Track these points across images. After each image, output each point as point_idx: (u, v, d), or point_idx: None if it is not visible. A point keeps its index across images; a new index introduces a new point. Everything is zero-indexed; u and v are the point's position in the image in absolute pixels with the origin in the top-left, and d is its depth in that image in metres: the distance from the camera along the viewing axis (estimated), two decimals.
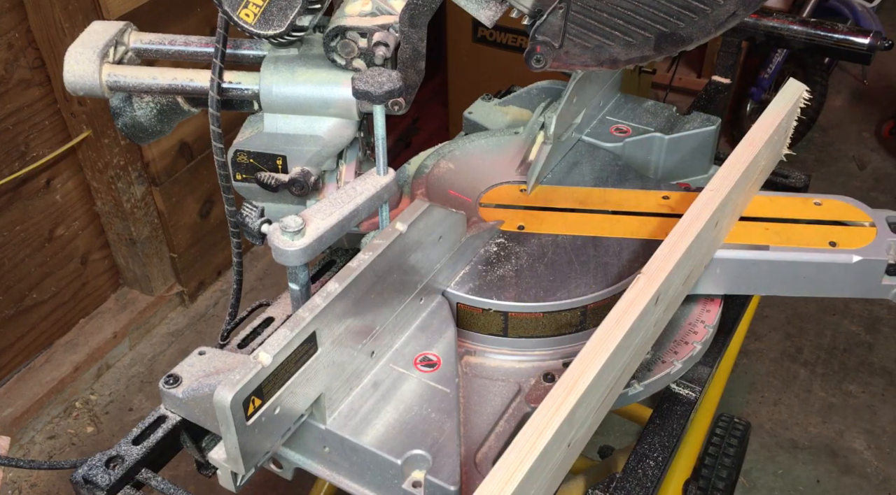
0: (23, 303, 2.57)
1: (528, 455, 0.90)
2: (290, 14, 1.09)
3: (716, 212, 1.18)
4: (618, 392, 1.13)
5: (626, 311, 1.04)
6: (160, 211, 2.77)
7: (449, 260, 1.21)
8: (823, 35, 1.88)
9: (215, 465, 1.01)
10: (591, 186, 1.41)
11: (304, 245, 1.04)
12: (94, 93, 1.18)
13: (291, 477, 1.13)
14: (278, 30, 1.10)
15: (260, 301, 1.35)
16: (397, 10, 1.13)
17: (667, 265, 1.09)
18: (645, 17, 1.12)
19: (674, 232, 1.14)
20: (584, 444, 1.08)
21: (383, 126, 1.07)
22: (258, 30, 1.10)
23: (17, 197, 2.43)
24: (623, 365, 1.08)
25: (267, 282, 3.06)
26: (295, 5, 1.09)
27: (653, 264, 1.10)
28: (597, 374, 0.98)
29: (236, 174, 1.22)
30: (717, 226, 1.21)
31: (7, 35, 2.25)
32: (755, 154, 1.27)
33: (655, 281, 1.07)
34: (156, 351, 2.89)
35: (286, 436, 1.02)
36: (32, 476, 2.47)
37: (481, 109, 1.63)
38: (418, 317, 1.19)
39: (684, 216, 1.17)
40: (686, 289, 1.23)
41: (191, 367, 1.16)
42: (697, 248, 1.16)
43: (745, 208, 1.34)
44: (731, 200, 1.23)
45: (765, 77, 3.63)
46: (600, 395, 1.04)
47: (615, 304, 1.06)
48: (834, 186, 3.55)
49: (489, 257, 1.27)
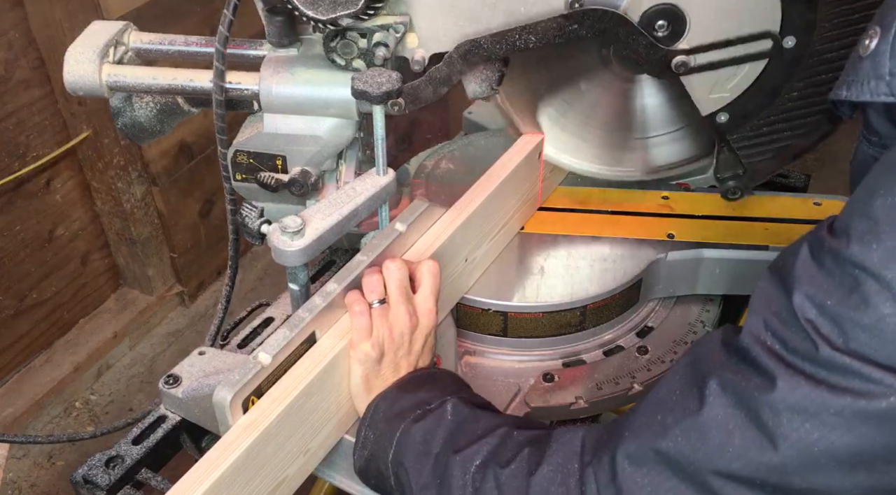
0: (23, 303, 2.57)
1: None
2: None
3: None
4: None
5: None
6: (160, 211, 2.77)
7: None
8: None
9: None
10: (591, 186, 1.41)
11: (304, 245, 1.04)
12: (94, 93, 1.18)
13: None
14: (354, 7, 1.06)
15: (260, 301, 1.35)
16: (399, 10, 1.13)
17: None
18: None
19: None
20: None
21: (383, 126, 1.07)
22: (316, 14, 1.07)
23: (17, 197, 2.43)
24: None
25: (267, 282, 3.06)
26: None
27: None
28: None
29: (236, 174, 1.22)
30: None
31: (7, 35, 2.25)
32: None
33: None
34: (156, 351, 2.89)
35: None
36: (32, 475, 2.47)
37: (481, 109, 1.63)
38: None
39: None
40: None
41: (191, 367, 1.16)
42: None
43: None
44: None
45: None
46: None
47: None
48: (834, 186, 3.53)
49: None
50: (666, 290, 1.32)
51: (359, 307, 1.02)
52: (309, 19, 1.07)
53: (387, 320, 1.02)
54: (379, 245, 1.08)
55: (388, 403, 1.01)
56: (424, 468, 0.94)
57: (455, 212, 1.17)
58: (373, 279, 1.03)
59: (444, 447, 0.94)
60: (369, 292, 1.03)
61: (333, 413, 1.02)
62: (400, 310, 1.02)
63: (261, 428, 0.90)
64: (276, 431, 0.93)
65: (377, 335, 1.01)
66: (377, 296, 1.02)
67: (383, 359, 1.02)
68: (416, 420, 0.97)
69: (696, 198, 1.39)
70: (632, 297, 1.27)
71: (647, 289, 1.29)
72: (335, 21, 1.07)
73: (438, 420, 0.97)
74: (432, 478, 0.93)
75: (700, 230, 1.31)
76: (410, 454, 0.95)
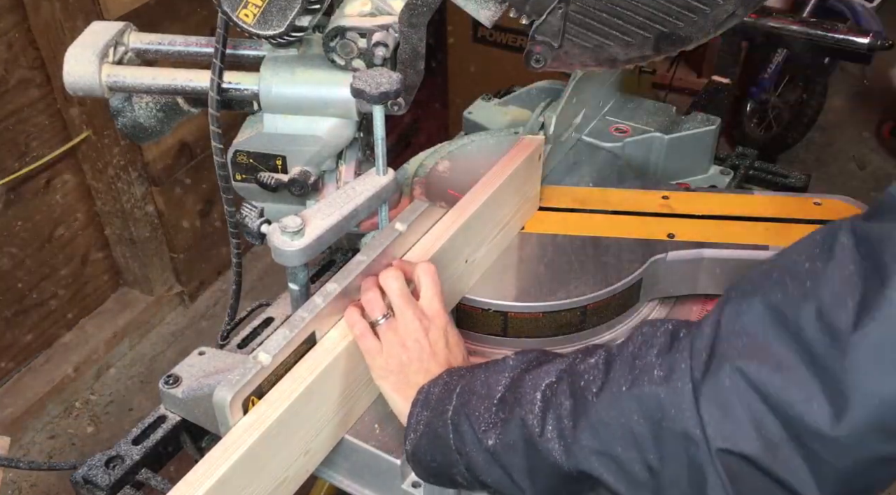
0: (23, 303, 2.57)
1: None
2: (289, 14, 1.09)
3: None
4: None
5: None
6: (160, 211, 2.77)
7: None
8: (823, 35, 1.88)
9: None
10: (591, 186, 1.41)
11: (304, 245, 1.04)
12: (94, 93, 1.18)
13: None
14: (277, 30, 1.10)
15: (260, 301, 1.35)
16: (397, 10, 1.13)
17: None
18: (644, 17, 1.12)
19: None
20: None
21: (383, 126, 1.07)
22: (257, 30, 1.10)
23: (17, 197, 2.43)
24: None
25: (267, 282, 3.06)
26: (294, 5, 1.09)
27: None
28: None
29: (236, 174, 1.22)
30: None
31: (7, 35, 2.25)
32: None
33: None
34: (156, 351, 2.89)
35: None
36: (32, 476, 2.47)
37: (481, 109, 1.63)
38: None
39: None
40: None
41: (191, 367, 1.16)
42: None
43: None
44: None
45: (765, 77, 3.62)
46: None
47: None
48: (834, 186, 3.54)
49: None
50: (666, 290, 1.32)
51: (358, 329, 1.00)
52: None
53: (396, 332, 1.00)
54: (379, 245, 1.08)
55: (441, 384, 0.98)
56: (488, 411, 0.90)
57: (455, 213, 1.17)
58: (370, 297, 1.02)
59: (508, 388, 0.91)
60: (371, 310, 1.01)
61: (334, 413, 1.02)
62: (407, 317, 1.01)
63: (262, 428, 0.90)
64: (278, 431, 0.93)
65: (389, 350, 1.00)
66: (380, 312, 1.01)
67: (407, 368, 1.00)
68: (474, 377, 0.95)
69: (696, 198, 1.39)
70: (632, 297, 1.27)
71: (647, 289, 1.29)
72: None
73: (501, 369, 0.94)
74: (496, 419, 0.89)
75: (700, 230, 1.31)
76: (472, 401, 0.92)
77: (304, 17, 1.11)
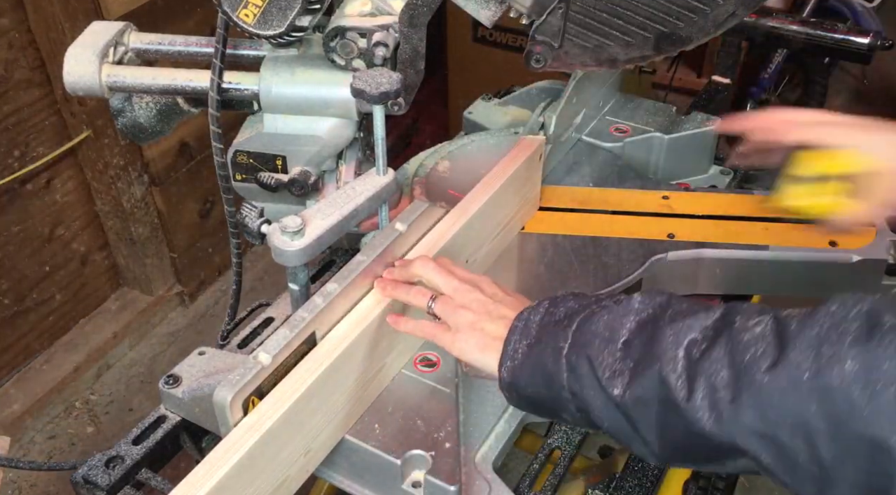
0: (23, 303, 2.57)
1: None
2: (289, 14, 1.09)
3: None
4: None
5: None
6: (160, 211, 2.77)
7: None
8: (823, 35, 1.88)
9: None
10: (591, 186, 1.41)
11: (304, 245, 1.04)
12: (94, 93, 1.18)
13: None
14: (278, 30, 1.10)
15: (260, 301, 1.35)
16: (397, 10, 1.13)
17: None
18: (644, 17, 1.12)
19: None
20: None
21: (383, 126, 1.07)
22: (257, 30, 1.10)
23: (17, 197, 2.43)
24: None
25: (267, 282, 3.06)
26: (294, 5, 1.09)
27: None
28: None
29: (236, 174, 1.22)
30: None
31: (7, 35, 2.25)
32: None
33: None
34: (156, 351, 2.89)
35: None
36: (32, 476, 2.47)
37: (481, 109, 1.63)
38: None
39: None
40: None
41: (191, 367, 1.16)
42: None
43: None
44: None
45: (765, 77, 3.62)
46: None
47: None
48: None
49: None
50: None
51: (429, 332, 1.00)
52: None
53: (452, 302, 0.99)
54: (379, 245, 1.08)
55: (540, 314, 0.93)
56: (612, 355, 0.84)
57: (456, 214, 1.17)
58: (408, 291, 1.02)
59: (635, 333, 0.85)
60: (418, 300, 1.01)
61: (335, 413, 1.02)
62: (453, 285, 0.99)
63: (263, 429, 0.90)
64: (279, 432, 0.93)
65: (455, 320, 0.97)
66: (425, 297, 1.01)
67: (480, 324, 0.96)
68: (592, 315, 0.89)
69: (696, 198, 1.39)
70: None
71: (647, 289, 1.29)
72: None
73: (625, 311, 0.87)
74: (622, 367, 0.83)
75: (700, 230, 1.31)
76: (594, 344, 0.86)
77: (305, 17, 1.11)
